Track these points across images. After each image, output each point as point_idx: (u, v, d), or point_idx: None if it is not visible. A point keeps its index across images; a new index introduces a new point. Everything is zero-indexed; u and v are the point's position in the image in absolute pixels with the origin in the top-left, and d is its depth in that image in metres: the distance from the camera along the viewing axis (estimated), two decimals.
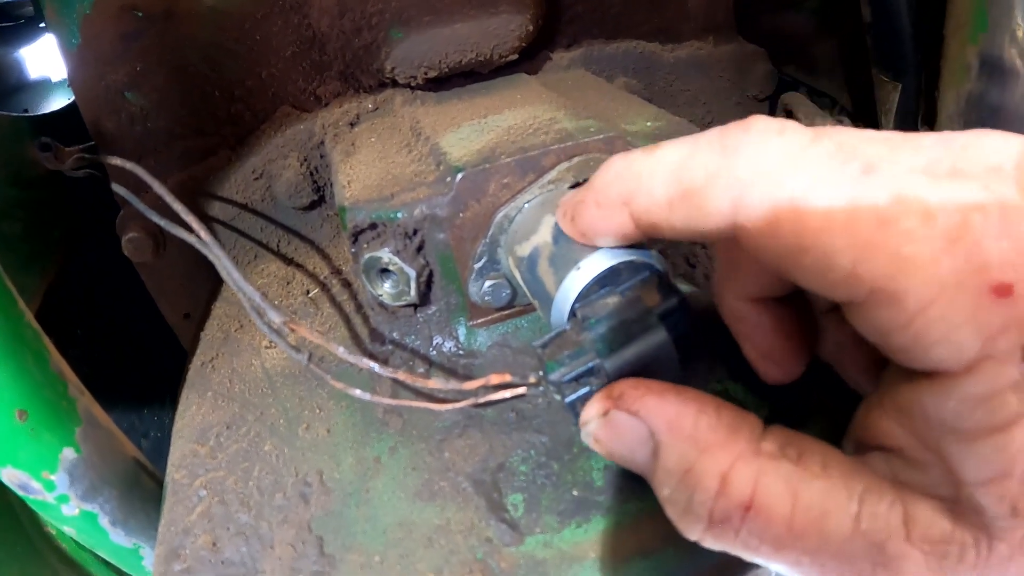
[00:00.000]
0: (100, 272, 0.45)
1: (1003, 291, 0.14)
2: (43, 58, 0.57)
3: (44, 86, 0.56)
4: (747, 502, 0.17)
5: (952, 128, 0.36)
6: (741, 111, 0.44)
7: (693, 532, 0.18)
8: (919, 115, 0.41)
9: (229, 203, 0.36)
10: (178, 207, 0.27)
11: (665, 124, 0.30)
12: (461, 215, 0.27)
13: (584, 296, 0.23)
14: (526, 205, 0.27)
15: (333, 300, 0.33)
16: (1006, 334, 0.15)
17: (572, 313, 0.23)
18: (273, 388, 0.30)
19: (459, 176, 0.26)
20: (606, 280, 0.23)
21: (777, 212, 0.16)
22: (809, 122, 0.42)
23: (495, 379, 0.23)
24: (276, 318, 0.24)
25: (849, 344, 0.23)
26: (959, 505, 0.16)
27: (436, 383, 0.23)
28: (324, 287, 0.34)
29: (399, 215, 0.26)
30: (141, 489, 0.31)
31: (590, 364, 0.21)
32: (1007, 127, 0.25)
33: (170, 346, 0.40)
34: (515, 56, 0.35)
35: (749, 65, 0.43)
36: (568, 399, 0.21)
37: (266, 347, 0.32)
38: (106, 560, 0.32)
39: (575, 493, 0.24)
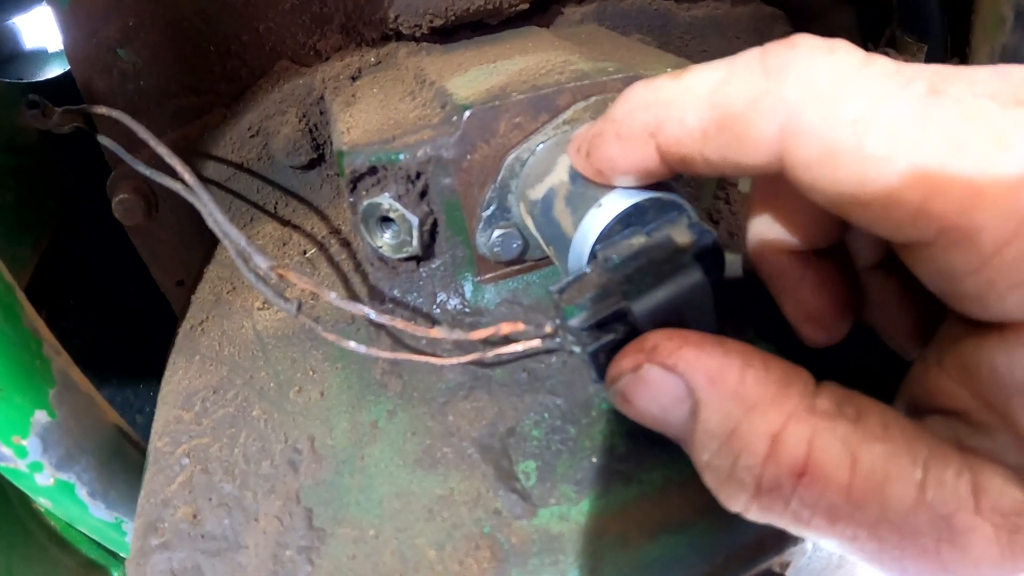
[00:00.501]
0: (94, 242, 0.44)
1: None
2: (38, 27, 0.56)
3: (40, 56, 0.55)
4: (800, 467, 0.15)
5: None
6: None
7: (736, 502, 0.16)
8: None
9: (224, 163, 0.35)
10: (162, 150, 0.25)
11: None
12: (468, 157, 0.24)
13: (606, 237, 0.20)
14: (539, 147, 0.25)
15: (331, 260, 0.31)
16: None
17: (592, 256, 0.20)
18: (264, 350, 0.28)
19: (467, 114, 0.24)
20: (630, 219, 0.20)
21: (834, 138, 0.14)
22: None
23: (506, 328, 0.20)
24: (263, 263, 0.21)
25: (894, 302, 0.21)
26: None
27: (439, 332, 0.20)
28: (321, 247, 0.32)
29: (401, 157, 0.24)
30: (123, 459, 0.29)
31: (615, 308, 0.18)
32: None
33: (166, 318, 0.38)
34: (526, 6, 0.33)
35: (767, 27, 0.40)
36: (590, 348, 0.19)
37: (258, 308, 0.30)
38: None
39: (594, 460, 0.21)
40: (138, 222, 0.34)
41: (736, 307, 0.25)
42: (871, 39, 0.41)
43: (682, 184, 0.29)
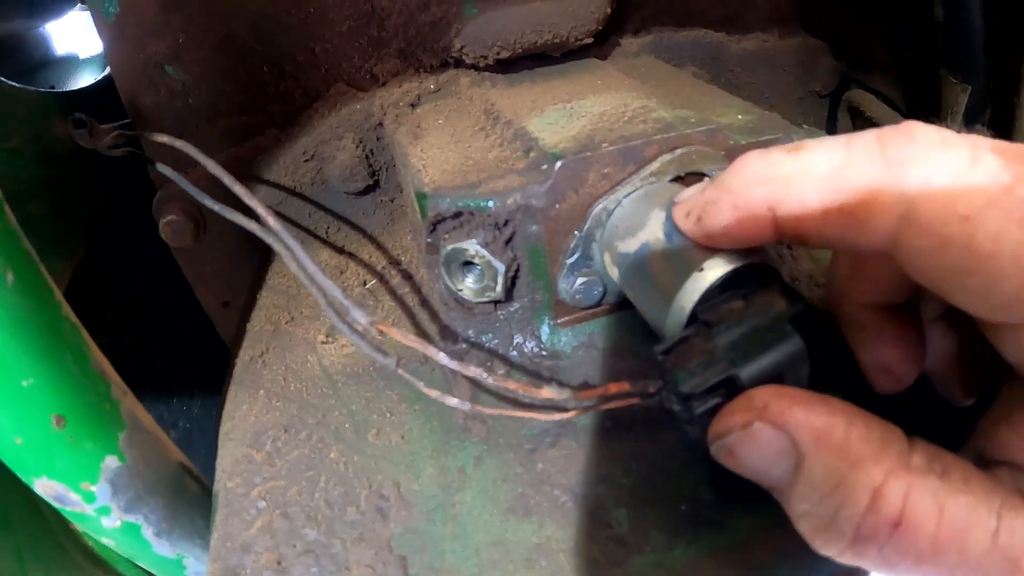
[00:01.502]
0: (128, 255, 0.42)
1: None
2: (70, 34, 0.52)
3: (71, 62, 0.52)
4: (897, 519, 0.16)
5: None
6: (804, 106, 0.42)
7: (832, 548, 0.18)
8: (986, 118, 0.40)
9: (275, 186, 0.34)
10: (239, 190, 0.25)
11: (757, 118, 0.29)
12: (557, 206, 0.25)
13: (706, 300, 0.21)
14: (625, 198, 0.25)
15: (393, 292, 0.31)
16: None
17: (693, 317, 0.21)
18: (335, 388, 0.28)
19: (559, 164, 0.24)
20: (727, 283, 0.21)
21: (947, 232, 0.16)
22: (879, 121, 0.41)
23: (614, 388, 0.21)
24: (362, 319, 0.21)
25: (952, 355, 0.22)
26: None
27: (549, 392, 0.21)
28: (381, 278, 0.32)
29: (490, 204, 0.24)
30: (187, 495, 0.28)
31: (724, 375, 0.19)
32: None
33: (200, 333, 0.38)
34: (591, 40, 0.33)
35: (813, 59, 0.41)
36: (698, 411, 0.19)
37: (322, 342, 0.30)
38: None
39: (683, 508, 0.22)
40: (186, 244, 0.33)
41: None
42: (910, 74, 0.43)
43: None
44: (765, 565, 0.21)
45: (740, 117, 0.29)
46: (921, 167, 0.16)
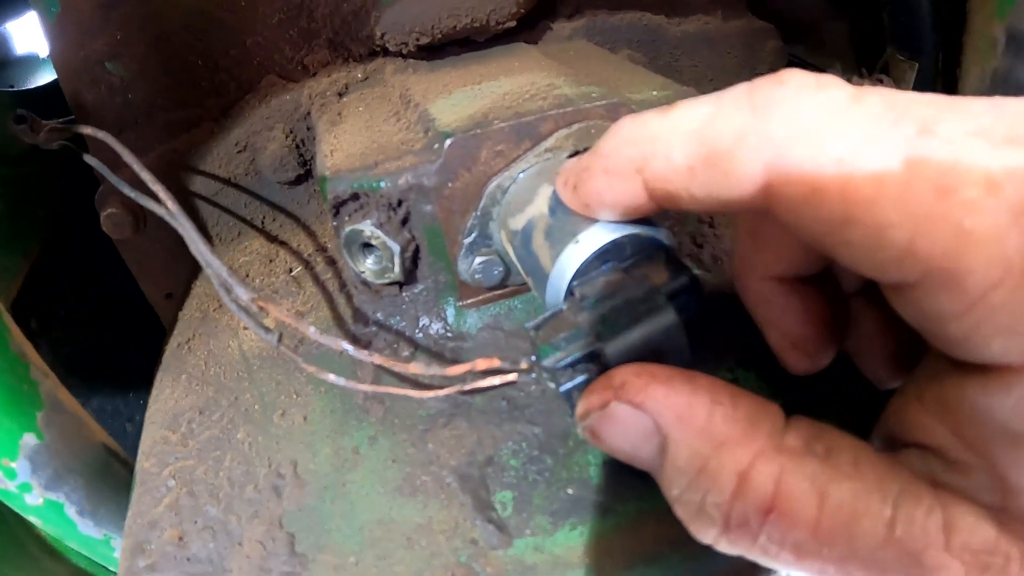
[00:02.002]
0: (85, 251, 0.44)
1: None
2: (30, 33, 0.55)
3: (31, 62, 0.55)
4: (768, 504, 0.15)
5: None
6: None
7: (707, 536, 0.16)
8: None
9: (211, 177, 0.35)
10: (145, 176, 0.25)
11: (673, 93, 0.28)
12: (450, 185, 0.24)
13: (583, 273, 0.20)
14: (521, 175, 0.25)
15: (316, 279, 0.31)
16: None
17: (569, 291, 0.21)
18: (250, 372, 0.28)
19: (448, 142, 0.24)
20: (608, 255, 0.20)
21: (820, 177, 0.14)
22: None
23: (482, 364, 0.20)
24: (244, 295, 0.22)
25: (874, 332, 0.21)
26: (1005, 514, 0.14)
27: (417, 368, 0.21)
28: (307, 265, 0.32)
29: (382, 184, 0.24)
30: (111, 477, 0.29)
31: (588, 349, 0.18)
32: None
33: (155, 328, 0.39)
34: (513, 23, 0.33)
35: (759, 42, 0.40)
36: (563, 387, 0.19)
37: (244, 328, 0.30)
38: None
39: (570, 491, 0.22)
40: (126, 236, 0.34)
41: (719, 336, 0.26)
42: (862, 54, 0.41)
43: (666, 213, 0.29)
44: (654, 552, 0.20)
45: (655, 93, 0.28)
46: (791, 109, 0.15)
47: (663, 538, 0.20)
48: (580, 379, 0.19)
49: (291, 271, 0.32)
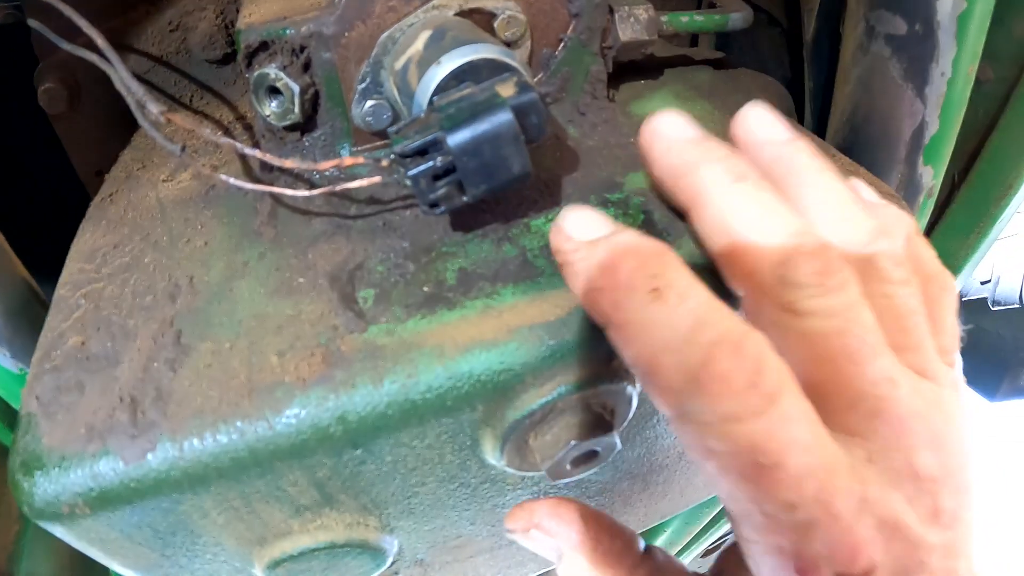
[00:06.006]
0: (21, 137, 0.46)
1: None
2: None
3: None
4: None
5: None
6: None
7: None
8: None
9: (145, 56, 0.37)
10: (71, 13, 0.28)
11: None
12: (347, 35, 0.27)
13: (443, 89, 0.23)
14: (409, 27, 0.27)
15: (234, 140, 0.33)
16: None
17: (430, 105, 0.23)
18: (163, 213, 0.31)
19: None
20: (466, 75, 0.23)
21: None
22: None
23: (349, 160, 0.23)
24: (154, 108, 0.24)
25: None
26: None
27: (292, 163, 0.23)
28: (227, 131, 0.34)
29: (287, 32, 0.27)
30: (30, 312, 0.31)
31: (432, 136, 0.21)
32: None
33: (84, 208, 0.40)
34: None
35: None
36: (410, 172, 0.22)
37: (163, 181, 0.33)
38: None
39: (426, 289, 0.25)
40: (61, 111, 0.37)
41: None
42: None
43: (551, 79, 0.31)
44: (492, 339, 0.23)
45: None
46: None
47: (502, 328, 0.23)
48: (426, 165, 0.22)
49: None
